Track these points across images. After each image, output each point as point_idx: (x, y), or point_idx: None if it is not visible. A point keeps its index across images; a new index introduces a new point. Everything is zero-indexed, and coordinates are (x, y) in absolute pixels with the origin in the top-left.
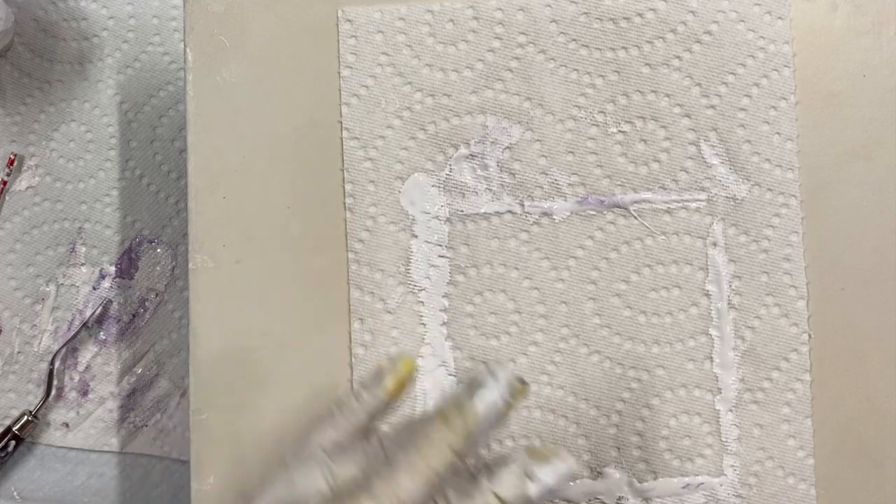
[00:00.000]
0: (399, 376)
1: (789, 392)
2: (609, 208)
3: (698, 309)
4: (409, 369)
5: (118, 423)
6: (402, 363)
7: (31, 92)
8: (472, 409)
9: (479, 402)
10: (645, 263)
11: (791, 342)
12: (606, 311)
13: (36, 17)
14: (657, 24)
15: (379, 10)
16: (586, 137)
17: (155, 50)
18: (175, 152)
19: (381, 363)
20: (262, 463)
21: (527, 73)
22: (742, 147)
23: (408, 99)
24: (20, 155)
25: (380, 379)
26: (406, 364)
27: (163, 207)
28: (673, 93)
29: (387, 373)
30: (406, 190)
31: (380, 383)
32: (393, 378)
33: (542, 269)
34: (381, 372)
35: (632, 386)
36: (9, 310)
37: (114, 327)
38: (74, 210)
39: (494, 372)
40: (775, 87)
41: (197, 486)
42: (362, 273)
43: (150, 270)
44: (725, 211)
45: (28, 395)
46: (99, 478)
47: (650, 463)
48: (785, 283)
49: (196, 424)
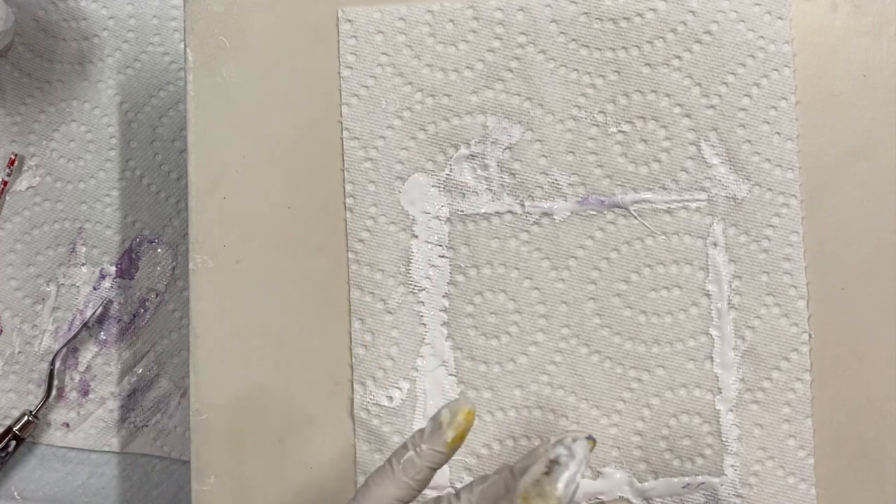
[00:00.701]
0: (460, 429)
1: (789, 392)
2: (609, 208)
3: (698, 309)
4: (470, 420)
5: (118, 423)
6: (462, 414)
7: (31, 92)
8: (554, 493)
9: (560, 484)
10: (645, 263)
11: (791, 342)
12: (607, 311)
13: (36, 17)
14: (657, 23)
15: (379, 11)
16: (586, 137)
17: (155, 50)
18: (175, 152)
19: (441, 413)
20: (262, 462)
21: (527, 73)
22: (742, 147)
23: (408, 99)
24: (20, 155)
25: (439, 430)
26: (467, 416)
27: (163, 207)
28: (673, 93)
29: (446, 424)
30: (406, 190)
31: (440, 436)
32: (454, 430)
33: (542, 269)
34: (439, 421)
35: (632, 386)
36: (9, 310)
37: (114, 327)
38: (75, 210)
39: (572, 449)
40: (775, 87)
41: (197, 486)
42: (362, 273)
43: (151, 270)
44: (726, 211)
45: (28, 395)
46: (99, 478)
47: (650, 463)
48: (785, 283)
49: (196, 424)
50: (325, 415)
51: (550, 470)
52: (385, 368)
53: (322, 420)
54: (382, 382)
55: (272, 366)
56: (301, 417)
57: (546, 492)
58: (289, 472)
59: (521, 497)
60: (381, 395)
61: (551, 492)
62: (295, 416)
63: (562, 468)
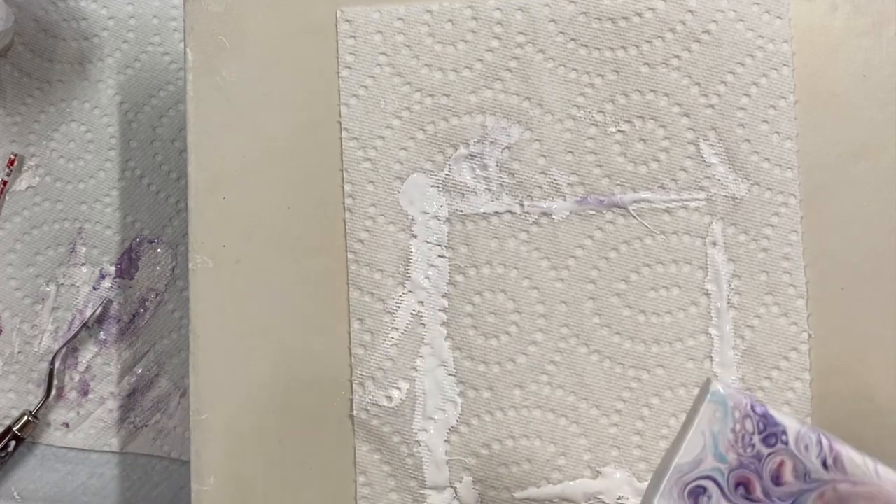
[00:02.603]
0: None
1: (789, 391)
2: (608, 208)
3: (698, 308)
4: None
5: (118, 423)
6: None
7: (31, 92)
8: None
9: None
10: (644, 263)
11: (791, 341)
12: (606, 311)
13: (36, 17)
14: (656, 23)
15: (378, 11)
16: (585, 137)
17: (155, 50)
18: (175, 152)
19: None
20: (262, 462)
21: (526, 73)
22: (741, 146)
23: (407, 99)
24: (20, 155)
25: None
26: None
27: (163, 207)
28: (672, 92)
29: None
30: (405, 190)
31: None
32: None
33: (541, 269)
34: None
35: (632, 385)
36: (9, 310)
37: (114, 327)
38: (74, 210)
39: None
40: (774, 87)
41: (197, 486)
42: (362, 273)
43: (150, 270)
44: (725, 210)
45: (28, 395)
46: (99, 478)
47: (650, 462)
48: (784, 283)
49: (196, 424)
50: (325, 415)
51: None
52: (384, 368)
53: (322, 420)
54: (382, 382)
55: (272, 366)
56: (301, 417)
57: None
58: (289, 472)
59: None
60: (380, 396)
61: None
62: (295, 416)
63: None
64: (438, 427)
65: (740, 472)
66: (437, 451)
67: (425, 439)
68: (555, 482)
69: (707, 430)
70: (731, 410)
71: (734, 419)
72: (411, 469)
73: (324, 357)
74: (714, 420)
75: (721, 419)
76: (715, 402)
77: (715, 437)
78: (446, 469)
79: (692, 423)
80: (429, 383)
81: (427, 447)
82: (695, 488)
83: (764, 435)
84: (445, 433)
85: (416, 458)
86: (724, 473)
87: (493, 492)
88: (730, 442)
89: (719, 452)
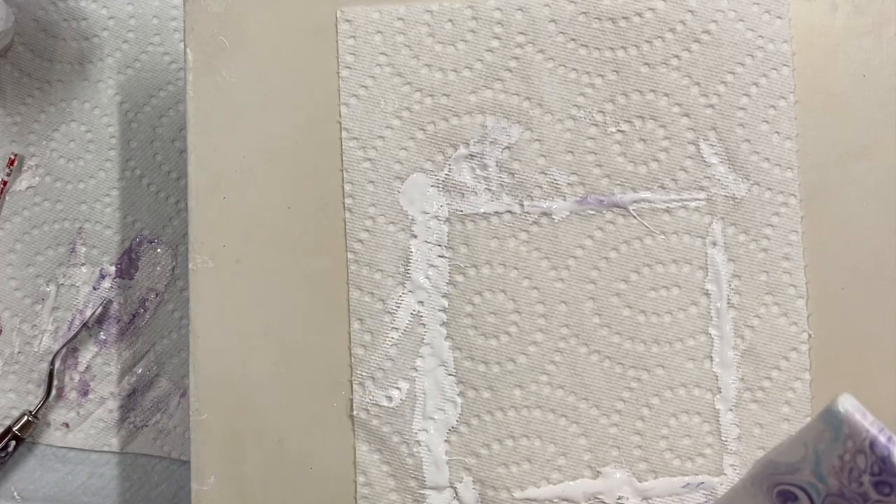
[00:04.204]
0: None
1: (789, 391)
2: (608, 208)
3: (698, 308)
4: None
5: (118, 423)
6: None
7: (31, 92)
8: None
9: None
10: (644, 263)
11: (791, 341)
12: (606, 311)
13: (36, 17)
14: (656, 23)
15: (378, 11)
16: (585, 137)
17: (155, 50)
18: (175, 152)
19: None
20: (262, 463)
21: (526, 73)
22: (741, 146)
23: (407, 99)
24: (20, 155)
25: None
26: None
27: (163, 207)
28: (672, 92)
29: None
30: (405, 190)
31: None
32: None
33: (541, 269)
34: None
35: (632, 385)
36: (9, 310)
37: (114, 327)
38: (74, 210)
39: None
40: (774, 87)
41: (197, 486)
42: (362, 273)
43: (150, 270)
44: (725, 210)
45: (28, 395)
46: (99, 478)
47: (650, 462)
48: (784, 283)
49: (196, 424)
50: (324, 415)
51: None
52: (384, 368)
53: (322, 420)
54: (382, 382)
55: (272, 366)
56: (301, 417)
57: None
58: (289, 472)
59: None
60: (380, 396)
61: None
62: (295, 416)
63: None
64: (438, 427)
65: (839, 501)
66: (437, 451)
67: (425, 439)
68: (555, 482)
69: (811, 444)
70: (844, 439)
71: (845, 448)
72: (411, 469)
73: (324, 357)
74: (821, 439)
75: (829, 440)
76: (825, 422)
77: (818, 455)
78: (446, 469)
79: (802, 430)
80: (429, 383)
81: (427, 447)
82: (785, 491)
83: (877, 480)
84: (445, 433)
85: (416, 457)
86: (820, 493)
87: (493, 492)
88: (834, 467)
89: (820, 472)
